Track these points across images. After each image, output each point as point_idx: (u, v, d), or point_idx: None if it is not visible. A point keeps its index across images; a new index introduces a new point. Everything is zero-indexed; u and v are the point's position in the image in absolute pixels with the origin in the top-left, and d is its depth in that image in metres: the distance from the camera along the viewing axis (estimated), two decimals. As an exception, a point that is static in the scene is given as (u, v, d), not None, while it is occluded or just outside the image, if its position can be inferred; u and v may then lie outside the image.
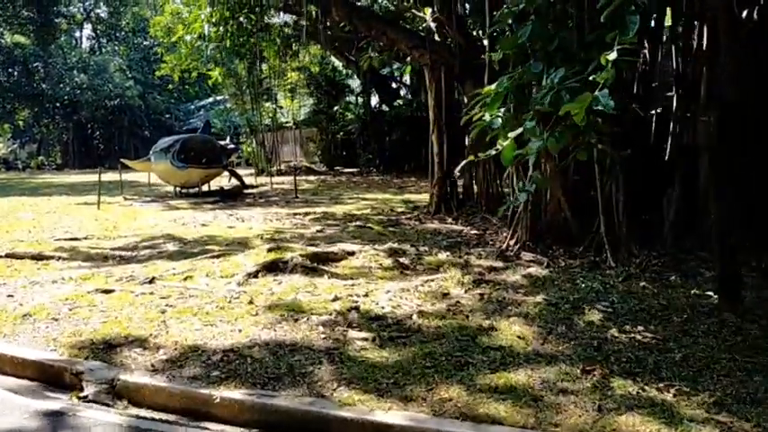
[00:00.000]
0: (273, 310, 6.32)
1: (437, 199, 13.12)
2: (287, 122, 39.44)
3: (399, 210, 15.15)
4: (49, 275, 8.53)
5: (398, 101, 31.22)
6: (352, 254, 8.75)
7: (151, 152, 20.64)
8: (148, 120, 49.76)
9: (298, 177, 28.00)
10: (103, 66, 47.94)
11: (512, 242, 8.72)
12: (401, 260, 8.46)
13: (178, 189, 20.96)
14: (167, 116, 51.82)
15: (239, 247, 10.09)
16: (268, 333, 5.68)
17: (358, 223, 12.65)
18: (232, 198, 20.09)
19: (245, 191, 22.74)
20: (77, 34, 56.74)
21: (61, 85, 47.63)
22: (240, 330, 5.76)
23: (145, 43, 52.81)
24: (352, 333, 5.52)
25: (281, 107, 37.76)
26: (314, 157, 39.50)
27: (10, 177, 37.35)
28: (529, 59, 6.82)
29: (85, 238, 11.50)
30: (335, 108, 35.81)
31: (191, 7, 32.80)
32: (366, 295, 6.82)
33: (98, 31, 56.35)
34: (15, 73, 46.70)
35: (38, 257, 9.68)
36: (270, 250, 8.92)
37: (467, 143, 12.65)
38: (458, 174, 12.89)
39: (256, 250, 9.04)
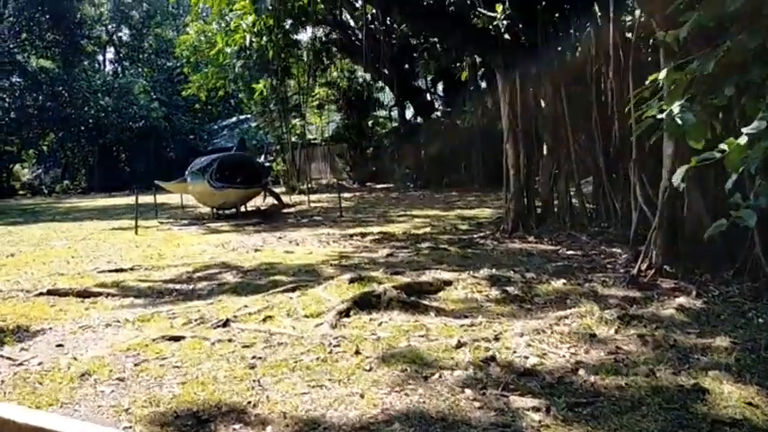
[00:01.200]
0: (390, 364, 5.01)
1: (514, 215, 11.78)
2: (314, 139, 38.34)
3: (463, 227, 13.85)
4: (100, 317, 7.31)
5: (436, 113, 29.95)
6: (449, 283, 7.44)
7: (187, 173, 19.51)
8: (174, 141, 48.93)
9: (331, 195, 26.91)
10: (128, 88, 47.19)
11: (644, 266, 7.34)
12: (509, 290, 7.13)
13: (215, 211, 19.76)
14: (191, 137, 50.97)
15: (309, 276, 8.82)
16: (399, 399, 4.36)
17: (428, 244, 11.37)
18: (273, 218, 18.85)
19: (283, 210, 21.54)
20: (100, 57, 56.20)
21: (86, 109, 46.90)
22: (361, 395, 4.44)
23: (168, 64, 52.12)
24: (516, 400, 4.18)
25: (310, 123, 36.71)
26: (342, 174, 38.36)
27: (37, 203, 36.48)
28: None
29: (132, 269, 10.28)
30: (366, 122, 34.69)
31: (221, 23, 31.97)
32: (496, 339, 5.48)
33: (121, 54, 55.77)
34: (40, 98, 46.02)
35: (83, 294, 8.46)
36: (352, 281, 7.63)
37: (545, 152, 11.36)
38: (538, 185, 11.55)
39: (336, 282, 7.73)
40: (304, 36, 28.33)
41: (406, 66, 28.36)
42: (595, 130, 10.95)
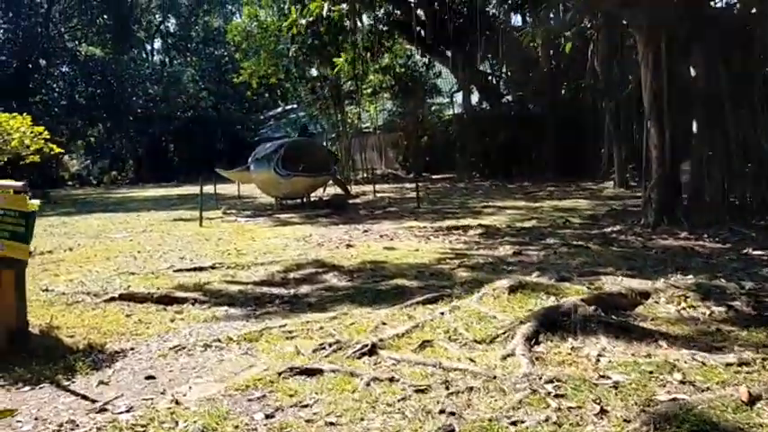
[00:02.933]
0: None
1: (657, 206, 9.82)
2: (366, 127, 36.50)
3: (576, 221, 11.98)
4: (192, 332, 5.66)
5: (507, 98, 27.81)
6: (645, 295, 5.58)
7: (250, 160, 17.87)
8: (222, 131, 47.57)
9: (391, 185, 25.10)
10: (176, 77, 45.95)
11: None
12: (735, 305, 5.26)
13: (279, 201, 18.08)
14: (239, 127, 49.58)
15: (439, 280, 7.08)
16: None
17: (554, 240, 9.53)
18: (343, 210, 17.12)
19: (349, 201, 19.80)
20: (148, 47, 55.12)
21: (134, 98, 45.83)
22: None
23: (216, 53, 50.74)
24: None
25: (365, 111, 34.94)
26: (394, 164, 36.55)
27: (88, 193, 35.41)
28: None
29: (213, 268, 8.63)
30: (423, 110, 32.79)
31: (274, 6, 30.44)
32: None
33: (169, 43, 54.59)
34: (90, 87, 45.03)
35: (165, 300, 6.81)
36: (513, 290, 5.81)
37: (694, 131, 9.38)
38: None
39: (491, 290, 5.90)
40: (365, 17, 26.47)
41: (470, 47, 26.35)
42: (759, 105, 8.95)
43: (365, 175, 32.12)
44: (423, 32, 26.38)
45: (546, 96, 24.62)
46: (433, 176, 32.05)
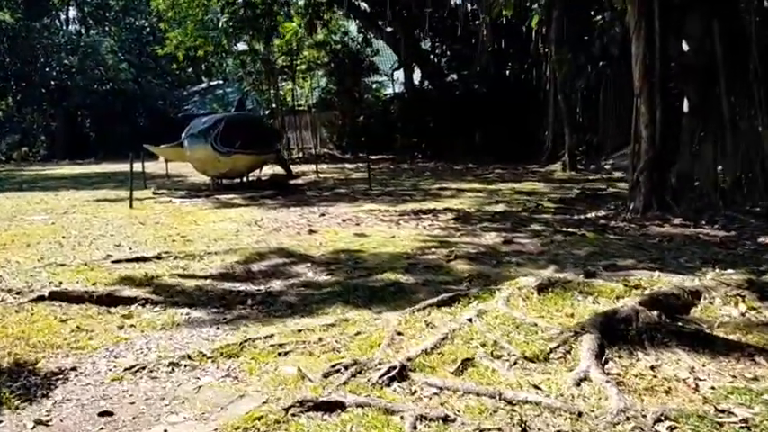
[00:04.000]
0: None
1: (646, 190, 9.11)
2: (300, 105, 34.93)
3: (549, 206, 11.21)
4: (150, 344, 4.53)
5: (452, 77, 26.82)
6: (696, 295, 4.74)
7: (184, 135, 16.27)
8: (143, 106, 44.87)
9: (327, 165, 23.92)
10: (94, 47, 42.72)
11: None
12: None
13: (215, 181, 16.59)
14: (161, 102, 46.93)
15: (435, 274, 6.08)
16: None
17: (539, 227, 8.71)
18: (289, 191, 15.87)
19: (290, 182, 18.52)
20: (62, 16, 51.28)
21: (47, 69, 42.59)
22: None
23: (138, 23, 47.78)
24: None
25: (301, 87, 33.43)
26: (329, 144, 35.24)
27: (-4, 169, 32.52)
28: None
29: (158, 258, 7.33)
30: (360, 88, 31.57)
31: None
32: None
33: (85, 12, 50.97)
34: (-3, 56, 41.47)
35: (107, 299, 5.55)
36: (541, 290, 4.87)
37: (685, 109, 8.70)
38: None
39: (518, 290, 4.93)
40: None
41: (412, 23, 25.35)
42: (755, 82, 8.34)
43: (300, 154, 30.82)
44: (364, 6, 25.18)
45: (491, 77, 23.90)
46: (371, 157, 30.98)
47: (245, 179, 16.81)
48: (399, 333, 4.25)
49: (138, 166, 15.62)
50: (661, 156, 9.08)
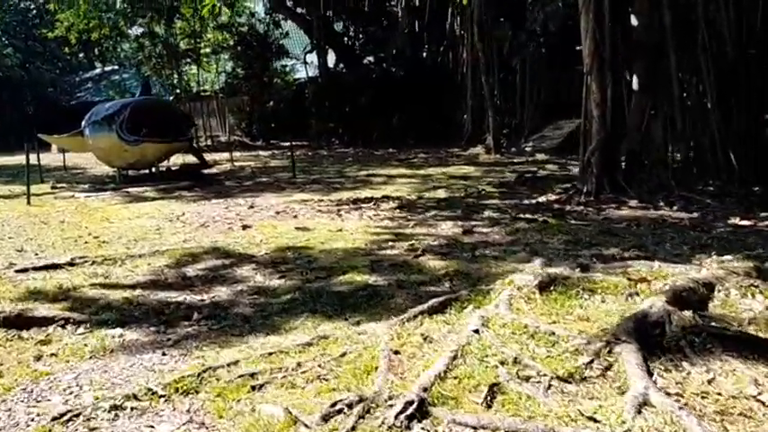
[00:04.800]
0: None
1: (598, 171, 8.70)
2: (205, 91, 33.16)
3: (491, 190, 10.72)
4: (80, 379, 3.63)
5: (369, 58, 25.89)
6: (709, 287, 4.28)
7: (84, 122, 14.77)
8: (31, 93, 41.54)
9: (240, 153, 22.75)
10: (-27, 30, 39.21)
11: None
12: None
13: (121, 172, 15.17)
14: (51, 89, 43.66)
15: (405, 272, 5.38)
16: None
17: (493, 215, 8.16)
18: (205, 181, 14.72)
19: (204, 171, 17.29)
20: (-67, -5, 46.66)
21: None
22: None
23: (22, 5, 44.15)
24: None
25: (206, 71, 31.73)
26: (236, 130, 33.73)
27: None
28: None
29: (72, 264, 6.27)
30: (270, 73, 30.26)
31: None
32: None
33: (-40, -9, 46.63)
34: None
35: (17, 321, 4.53)
36: (543, 288, 4.27)
37: (635, 86, 8.37)
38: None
39: (517, 290, 4.29)
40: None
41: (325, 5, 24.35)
42: (703, 57, 8.10)
43: (209, 142, 29.34)
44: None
45: (408, 59, 23.32)
46: (282, 143, 29.88)
47: (153, 170, 15.48)
48: (395, 352, 3.52)
49: (32, 158, 14.04)
50: (612, 136, 8.74)
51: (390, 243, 6.59)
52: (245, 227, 8.01)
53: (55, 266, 6.17)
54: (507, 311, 3.91)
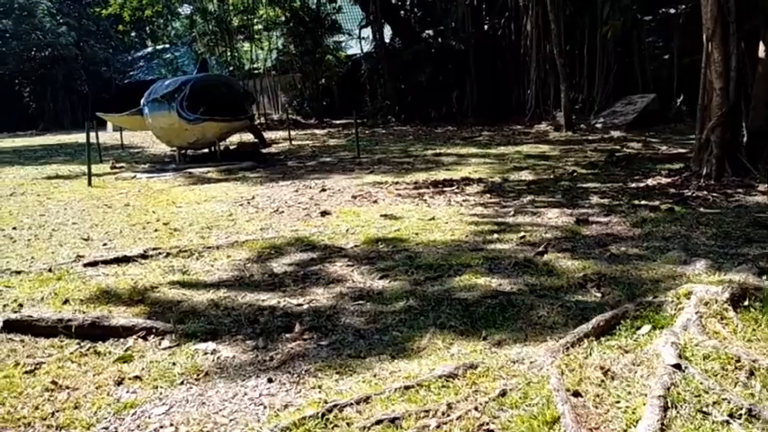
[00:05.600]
0: None
1: (719, 151, 7.70)
2: (256, 69, 32.52)
3: (581, 171, 9.77)
4: (174, 415, 2.94)
5: (428, 31, 24.74)
6: None
7: (144, 101, 14.22)
8: (85, 72, 41.55)
9: (296, 132, 22.01)
10: (29, 9, 39.18)
11: None
12: None
13: (181, 152, 14.62)
14: (104, 68, 43.63)
15: (532, 274, 4.56)
16: None
17: (601, 201, 7.25)
18: (268, 162, 14.06)
19: (263, 150, 16.67)
20: (-9, -24, 46.96)
21: (-22, 34, 38.97)
22: None
23: (76, -17, 44.04)
24: None
25: (260, 49, 31.07)
26: (288, 109, 33.08)
27: (-74, 143, 29.43)
28: None
29: (145, 256, 5.61)
30: (323, 49, 29.45)
31: None
32: None
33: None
34: None
35: (91, 332, 3.85)
36: (735, 303, 3.40)
37: (761, 54, 7.29)
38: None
39: (705, 306, 3.41)
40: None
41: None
42: None
43: (261, 120, 28.78)
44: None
45: (468, 33, 22.20)
46: (335, 122, 29.16)
47: (214, 149, 14.88)
48: (575, 393, 2.71)
49: (82, 137, 13.53)
50: (735, 110, 7.70)
51: (496, 235, 5.76)
52: (323, 213, 7.27)
53: (126, 259, 5.53)
54: (702, 336, 3.06)
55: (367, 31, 26.85)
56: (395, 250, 5.48)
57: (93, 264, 5.41)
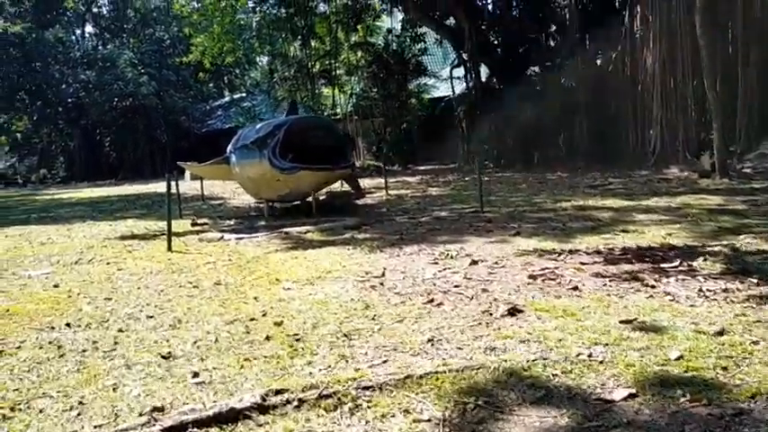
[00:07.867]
0: None
1: None
2: (335, 114, 30.72)
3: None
4: None
5: (532, 69, 22.41)
6: None
7: (230, 148, 12.18)
8: (165, 122, 40.98)
9: (381, 180, 19.58)
10: (111, 60, 38.95)
11: None
12: None
13: (269, 204, 12.47)
14: (183, 117, 43.06)
15: None
16: None
17: None
18: (368, 216, 11.71)
19: (357, 201, 14.44)
20: (78, 31, 47.56)
21: (64, 86, 38.88)
22: None
23: (157, 33, 43.93)
24: None
25: (342, 92, 29.30)
26: (368, 155, 31.05)
27: (9, 195, 28.68)
28: None
29: (262, 410, 3.18)
30: (407, 92, 27.44)
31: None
32: None
33: (102, 26, 47.16)
34: (10, 73, 37.64)
35: None
36: None
37: None
38: None
39: None
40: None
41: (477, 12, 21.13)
42: None
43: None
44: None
45: (577, 68, 19.69)
46: (419, 167, 26.93)
47: (304, 202, 12.66)
48: None
49: (162, 187, 11.53)
50: None
51: None
52: (512, 312, 4.73)
53: (234, 416, 3.12)
54: None
55: (458, 71, 24.65)
56: (722, 414, 2.88)
57: (181, 429, 3.02)
